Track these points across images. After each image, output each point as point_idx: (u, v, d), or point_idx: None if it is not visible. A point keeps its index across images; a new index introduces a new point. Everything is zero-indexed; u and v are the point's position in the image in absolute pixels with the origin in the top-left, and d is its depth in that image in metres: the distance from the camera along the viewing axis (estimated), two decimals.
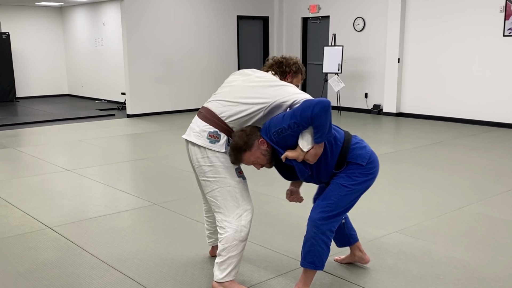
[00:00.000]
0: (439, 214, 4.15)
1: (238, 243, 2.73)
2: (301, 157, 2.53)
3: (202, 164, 2.74)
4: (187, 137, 2.79)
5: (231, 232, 2.72)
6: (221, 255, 2.75)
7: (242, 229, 2.74)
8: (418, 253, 3.37)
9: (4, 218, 4.18)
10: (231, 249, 2.72)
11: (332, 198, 2.62)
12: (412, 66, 9.58)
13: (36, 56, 14.03)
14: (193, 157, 2.77)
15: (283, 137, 2.52)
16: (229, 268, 2.75)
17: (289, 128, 2.49)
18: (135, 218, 4.15)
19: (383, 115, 10.00)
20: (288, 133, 2.50)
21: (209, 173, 2.73)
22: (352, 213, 4.17)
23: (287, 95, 2.62)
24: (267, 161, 2.64)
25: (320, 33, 11.37)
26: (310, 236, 2.63)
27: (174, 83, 10.62)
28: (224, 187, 2.73)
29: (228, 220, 2.74)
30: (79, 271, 3.16)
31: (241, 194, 2.77)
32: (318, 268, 2.67)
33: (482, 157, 6.24)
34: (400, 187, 4.99)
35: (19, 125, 9.25)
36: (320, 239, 2.61)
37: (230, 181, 2.74)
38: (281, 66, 2.90)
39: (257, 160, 2.62)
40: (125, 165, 6.09)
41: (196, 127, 2.76)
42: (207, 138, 2.70)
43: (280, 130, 2.52)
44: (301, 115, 2.45)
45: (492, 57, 8.44)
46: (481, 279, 2.99)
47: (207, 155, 2.71)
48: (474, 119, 8.78)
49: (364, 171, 2.68)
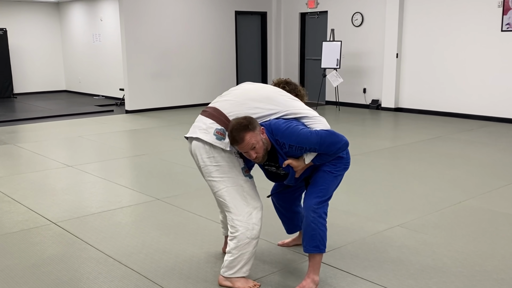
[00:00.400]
0: (440, 208, 4.19)
1: (250, 240, 2.75)
2: (300, 167, 2.70)
3: (208, 164, 2.73)
4: (192, 134, 2.75)
5: (242, 230, 2.73)
6: (232, 253, 2.77)
7: (253, 227, 2.76)
8: (420, 246, 3.42)
9: (8, 213, 4.20)
10: (243, 247, 2.74)
11: (323, 184, 2.76)
12: (411, 61, 9.63)
13: (33, 52, 14.00)
14: (198, 157, 2.75)
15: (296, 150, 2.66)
16: (239, 264, 2.77)
17: (309, 149, 2.65)
18: (139, 213, 4.18)
19: (382, 110, 10.04)
20: (304, 151, 2.66)
21: (215, 173, 2.73)
22: (354, 207, 4.23)
23: (298, 108, 2.76)
24: (264, 151, 2.66)
25: (318, 28, 11.39)
26: (310, 221, 2.70)
27: (173, 78, 10.63)
28: (232, 186, 2.74)
29: (239, 219, 2.75)
30: (85, 265, 3.19)
31: (249, 193, 2.79)
32: (322, 250, 2.75)
33: (481, 151, 6.30)
34: (400, 181, 5.03)
35: (17, 121, 9.25)
36: (319, 223, 2.70)
37: (237, 180, 2.75)
38: (290, 85, 3.02)
39: (257, 144, 2.60)
40: (125, 160, 6.11)
41: (203, 124, 2.74)
42: (214, 134, 2.69)
43: (300, 148, 2.64)
44: (326, 149, 2.64)
45: (490, 52, 8.49)
46: (483, 271, 3.04)
47: (213, 154, 2.71)
48: (472, 113, 8.83)
49: (344, 162, 2.84)
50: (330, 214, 4.09)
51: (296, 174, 2.74)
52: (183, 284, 2.91)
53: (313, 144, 2.62)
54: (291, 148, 2.65)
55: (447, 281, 2.91)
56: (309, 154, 2.69)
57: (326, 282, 2.92)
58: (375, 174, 5.31)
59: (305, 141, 2.62)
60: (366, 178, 5.16)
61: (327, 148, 2.64)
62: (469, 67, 8.79)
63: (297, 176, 2.76)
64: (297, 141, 2.62)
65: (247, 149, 2.60)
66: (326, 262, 3.18)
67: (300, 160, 2.69)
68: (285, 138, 2.63)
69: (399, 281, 2.92)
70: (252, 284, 2.83)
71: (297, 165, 2.69)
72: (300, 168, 2.70)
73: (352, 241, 3.51)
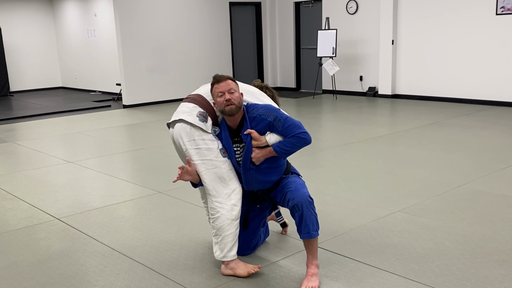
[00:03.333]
0: (440, 192, 4.23)
1: (231, 222, 2.83)
2: (259, 143, 2.78)
3: (188, 147, 2.80)
4: (175, 118, 2.83)
5: (223, 211, 2.82)
6: (218, 234, 2.85)
7: (233, 208, 2.84)
8: (421, 230, 3.46)
9: (12, 211, 4.23)
10: (225, 227, 2.82)
11: (300, 183, 2.87)
12: (406, 48, 9.63)
13: (28, 49, 13.95)
14: (180, 140, 2.82)
15: (262, 119, 2.78)
16: (227, 246, 2.85)
17: (274, 123, 2.77)
18: (141, 206, 4.21)
19: (379, 97, 10.06)
20: (270, 120, 2.77)
21: (195, 156, 2.81)
22: (355, 194, 4.27)
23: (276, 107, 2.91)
24: (238, 104, 2.76)
25: (313, 17, 11.37)
26: (308, 210, 2.73)
27: (169, 72, 10.62)
28: (211, 169, 2.81)
29: (219, 200, 2.83)
30: (91, 259, 3.22)
31: (228, 174, 2.86)
32: (318, 233, 2.79)
33: (479, 135, 6.33)
34: (399, 167, 5.07)
35: (15, 119, 9.24)
36: (313, 210, 2.76)
37: (215, 162, 2.82)
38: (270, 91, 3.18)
39: (235, 92, 2.76)
40: (125, 155, 6.13)
41: (186, 108, 2.83)
42: (197, 116, 2.78)
43: (268, 114, 2.79)
44: (291, 129, 2.76)
45: (485, 36, 8.50)
46: (484, 253, 3.08)
47: (193, 137, 2.79)
48: (469, 98, 8.86)
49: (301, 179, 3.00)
50: (331, 201, 4.13)
51: (254, 154, 2.78)
52: (188, 275, 2.95)
53: (281, 115, 2.78)
54: (263, 110, 2.80)
55: (449, 264, 2.95)
56: (271, 136, 2.79)
57: (329, 268, 2.96)
58: (374, 161, 5.34)
59: (274, 109, 2.83)
60: (365, 165, 5.19)
61: (292, 128, 2.76)
62: (465, 51, 8.80)
63: (254, 156, 2.79)
64: (266, 107, 2.84)
65: (225, 89, 2.74)
66: (328, 249, 3.21)
67: (263, 137, 2.79)
68: (257, 106, 2.86)
69: (401, 265, 2.96)
70: (251, 268, 2.89)
71: (258, 137, 2.78)
72: (259, 144, 2.77)
73: (353, 228, 3.55)
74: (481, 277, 2.79)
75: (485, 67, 8.58)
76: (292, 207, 2.74)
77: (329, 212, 3.87)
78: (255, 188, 2.93)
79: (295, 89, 12.01)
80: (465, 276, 2.80)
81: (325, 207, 3.96)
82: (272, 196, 2.97)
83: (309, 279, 2.75)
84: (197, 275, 2.94)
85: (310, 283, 2.73)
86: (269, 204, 3.11)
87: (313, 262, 2.82)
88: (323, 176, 4.86)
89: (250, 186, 2.92)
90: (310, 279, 2.75)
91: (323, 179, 4.76)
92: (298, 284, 2.78)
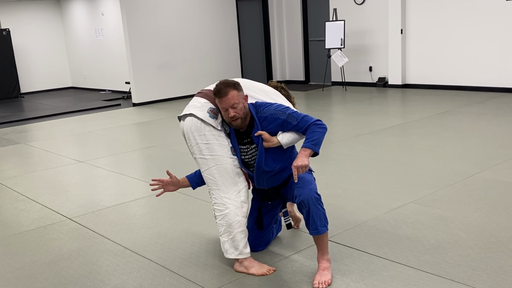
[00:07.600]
0: (452, 182, 4.18)
1: (241, 219, 2.81)
2: (271, 144, 2.75)
3: (199, 142, 2.78)
4: (186, 112, 2.81)
5: (232, 208, 2.79)
6: (228, 231, 2.82)
7: (242, 205, 2.83)
8: (435, 221, 3.42)
9: (24, 212, 4.25)
10: (235, 225, 2.80)
11: (309, 179, 2.80)
12: (416, 36, 9.53)
13: (38, 51, 14.03)
14: (190, 135, 2.80)
15: (275, 118, 2.74)
16: (241, 243, 2.83)
17: (289, 116, 2.73)
18: (152, 204, 4.21)
19: (389, 88, 9.98)
20: (283, 119, 2.73)
21: (206, 151, 2.79)
22: (366, 186, 4.23)
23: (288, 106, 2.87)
24: (243, 115, 2.74)
25: (321, 9, 11.29)
26: (315, 206, 2.69)
27: (177, 69, 10.62)
28: (221, 165, 2.79)
29: (228, 196, 2.81)
30: (103, 258, 3.23)
31: (237, 172, 2.85)
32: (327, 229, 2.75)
33: (491, 123, 6.25)
34: (411, 158, 5.02)
35: (26, 120, 9.31)
36: (320, 206, 2.72)
37: (226, 159, 2.80)
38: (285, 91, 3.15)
39: (238, 105, 2.70)
40: (136, 153, 6.14)
41: (197, 103, 2.81)
42: (207, 112, 2.76)
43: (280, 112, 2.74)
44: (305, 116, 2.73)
45: (495, 22, 8.37)
46: (499, 242, 3.04)
47: (204, 132, 2.77)
48: (480, 85, 8.75)
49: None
50: (342, 194, 4.10)
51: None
52: (200, 272, 2.94)
53: (293, 110, 2.76)
54: (271, 115, 2.76)
55: (463, 254, 2.92)
56: (284, 135, 2.76)
57: (342, 262, 2.94)
58: (386, 152, 5.29)
59: (286, 107, 2.79)
60: (377, 156, 5.15)
61: (307, 117, 2.73)
62: (475, 39, 8.69)
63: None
64: (279, 106, 2.79)
65: (227, 105, 2.69)
66: (340, 242, 3.19)
67: (274, 137, 2.76)
68: (268, 105, 2.81)
69: (415, 257, 2.93)
70: (266, 269, 2.86)
71: (269, 138, 2.75)
72: (272, 144, 2.74)
73: (366, 220, 3.52)
74: (496, 267, 2.75)
75: (496, 53, 8.46)
76: (299, 204, 2.72)
77: (340, 205, 3.85)
78: (266, 186, 2.93)
79: (304, 82, 11.95)
80: (480, 267, 2.77)
81: (336, 200, 3.93)
82: (282, 193, 2.96)
83: (321, 274, 2.73)
84: (209, 272, 2.94)
85: (323, 277, 2.71)
86: (281, 201, 3.09)
87: (324, 257, 2.80)
88: (334, 169, 4.83)
89: (261, 185, 2.92)
90: (322, 274, 2.73)
91: (334, 172, 4.73)
92: (311, 279, 2.77)
